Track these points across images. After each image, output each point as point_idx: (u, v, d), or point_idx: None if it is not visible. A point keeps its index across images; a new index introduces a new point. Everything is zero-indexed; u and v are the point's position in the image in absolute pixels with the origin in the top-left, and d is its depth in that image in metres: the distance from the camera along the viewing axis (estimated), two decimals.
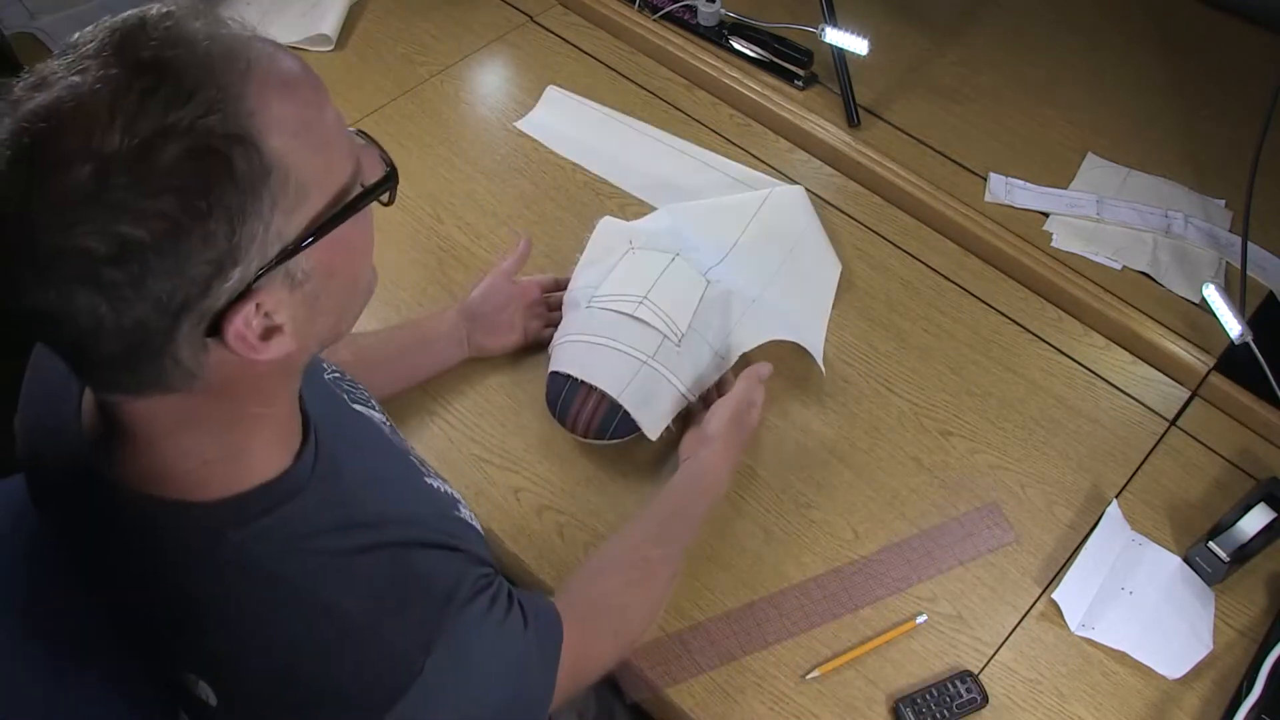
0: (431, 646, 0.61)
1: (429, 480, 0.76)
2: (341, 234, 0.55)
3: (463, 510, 0.75)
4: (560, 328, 1.06)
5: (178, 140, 0.47)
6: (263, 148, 0.49)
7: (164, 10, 0.51)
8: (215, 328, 0.51)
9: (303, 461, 0.62)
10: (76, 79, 0.47)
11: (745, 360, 1.05)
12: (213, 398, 0.55)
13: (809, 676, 0.90)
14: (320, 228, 0.53)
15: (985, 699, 0.89)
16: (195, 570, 0.58)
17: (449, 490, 0.77)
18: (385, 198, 0.58)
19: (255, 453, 0.59)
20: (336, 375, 0.80)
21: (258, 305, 0.52)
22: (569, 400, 1.00)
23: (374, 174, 0.58)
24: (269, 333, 0.53)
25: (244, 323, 0.51)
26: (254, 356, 0.53)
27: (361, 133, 0.60)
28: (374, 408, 0.81)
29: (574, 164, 1.29)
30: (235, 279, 0.50)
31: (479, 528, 0.76)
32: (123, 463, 0.57)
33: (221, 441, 0.57)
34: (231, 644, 0.59)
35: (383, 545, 0.62)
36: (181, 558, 0.58)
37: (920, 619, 0.93)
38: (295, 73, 0.53)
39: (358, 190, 0.56)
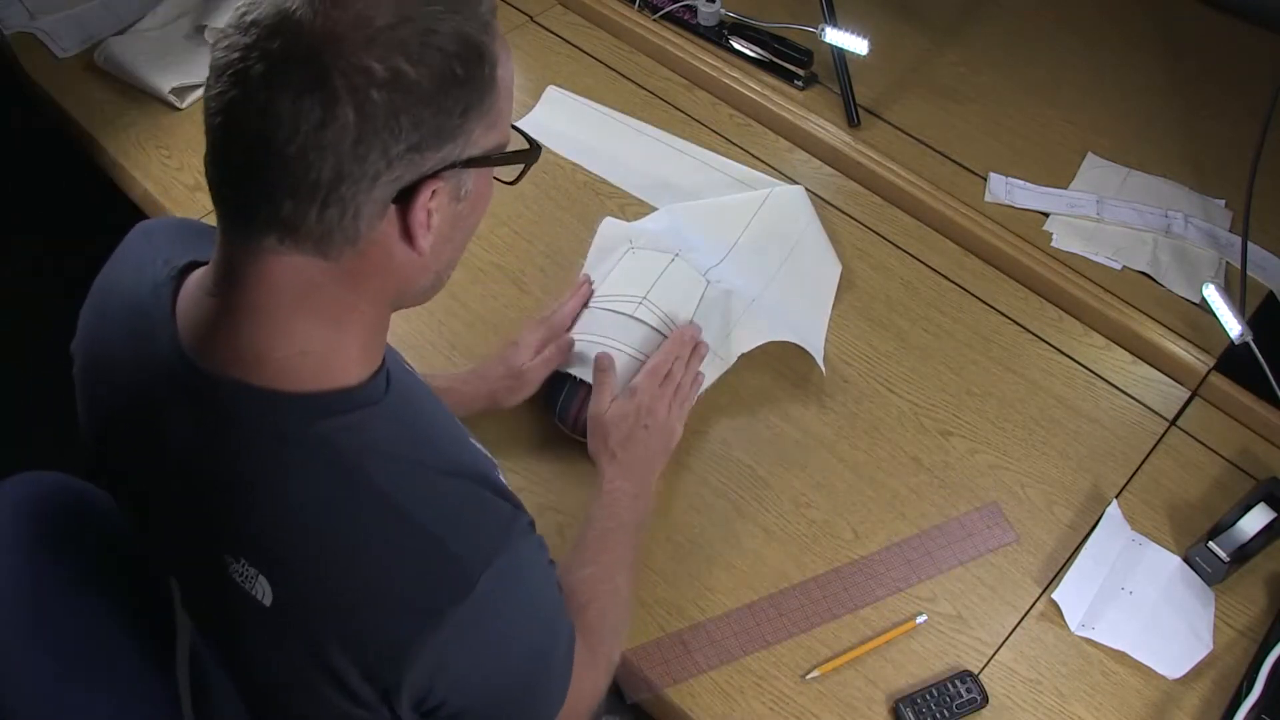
0: (490, 562, 0.63)
1: (473, 441, 0.77)
2: (489, 178, 0.64)
3: (500, 475, 0.77)
4: None
5: (457, 23, 0.56)
6: (497, 69, 0.59)
7: None
8: (408, 194, 0.58)
9: (380, 378, 0.66)
10: None
11: (744, 360, 1.05)
12: (340, 279, 0.60)
13: (809, 676, 0.90)
14: (493, 158, 0.62)
15: (985, 699, 0.89)
16: (279, 456, 0.61)
17: (488, 454, 0.79)
18: (513, 175, 0.67)
19: (347, 355, 0.63)
20: None
21: (434, 192, 0.58)
22: (569, 400, 1.00)
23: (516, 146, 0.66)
24: (425, 229, 0.60)
25: (422, 200, 0.58)
26: (416, 238, 0.59)
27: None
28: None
29: (574, 164, 1.29)
30: (438, 159, 0.58)
31: None
32: (220, 349, 0.61)
33: (324, 334, 0.61)
34: (302, 533, 0.61)
35: (451, 470, 0.66)
36: (267, 444, 0.61)
37: (920, 619, 0.94)
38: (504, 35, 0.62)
39: (512, 148, 0.64)
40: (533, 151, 0.67)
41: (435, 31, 0.55)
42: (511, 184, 0.68)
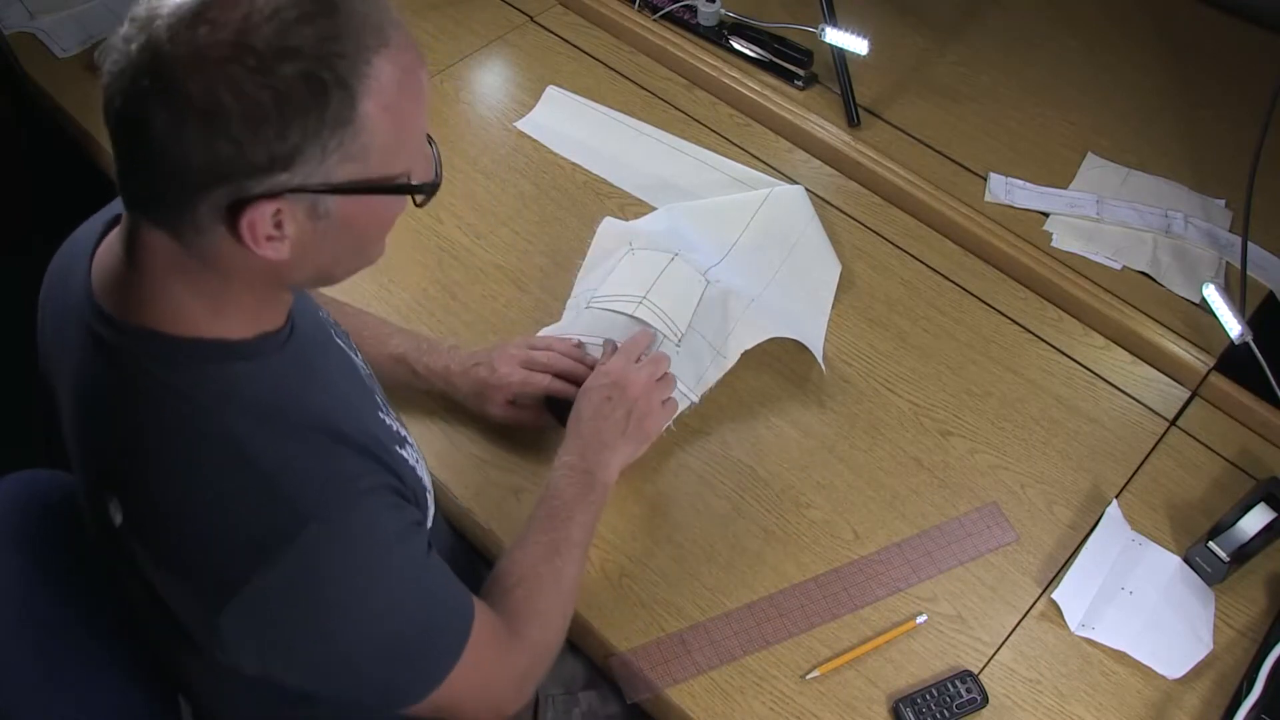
0: (324, 515, 0.64)
1: (381, 415, 0.78)
2: (373, 203, 0.65)
3: (409, 451, 0.78)
4: (560, 327, 1.06)
5: (304, 61, 0.57)
6: (356, 104, 0.59)
7: None
8: (236, 208, 0.59)
9: (270, 340, 0.69)
10: None
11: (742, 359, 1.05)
12: (205, 263, 0.63)
13: (809, 676, 0.90)
14: (358, 188, 0.62)
15: (985, 699, 0.89)
16: (140, 388, 0.65)
17: (401, 430, 0.80)
18: (420, 199, 0.67)
19: (229, 316, 0.66)
20: (329, 319, 0.84)
21: (277, 210, 0.60)
22: (569, 400, 1.00)
23: (424, 175, 0.67)
24: (272, 239, 0.61)
25: (259, 215, 0.60)
26: (252, 248, 0.61)
27: (429, 139, 0.69)
28: (356, 353, 0.84)
29: (574, 164, 1.29)
30: (274, 182, 0.59)
31: (425, 479, 0.80)
32: (113, 291, 0.66)
33: (202, 295, 0.65)
34: (147, 461, 0.65)
35: (317, 426, 0.68)
36: (133, 376, 0.65)
37: (920, 619, 0.93)
38: (413, 70, 0.64)
39: (403, 180, 0.65)
40: (417, 187, 0.66)
41: (273, 70, 0.56)
42: (419, 205, 0.68)
